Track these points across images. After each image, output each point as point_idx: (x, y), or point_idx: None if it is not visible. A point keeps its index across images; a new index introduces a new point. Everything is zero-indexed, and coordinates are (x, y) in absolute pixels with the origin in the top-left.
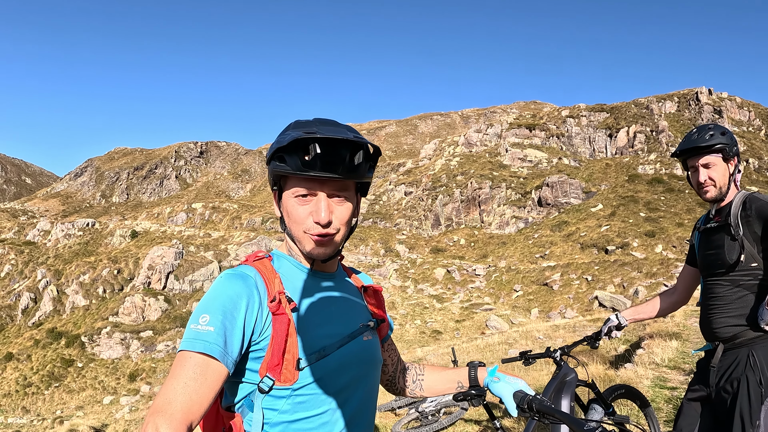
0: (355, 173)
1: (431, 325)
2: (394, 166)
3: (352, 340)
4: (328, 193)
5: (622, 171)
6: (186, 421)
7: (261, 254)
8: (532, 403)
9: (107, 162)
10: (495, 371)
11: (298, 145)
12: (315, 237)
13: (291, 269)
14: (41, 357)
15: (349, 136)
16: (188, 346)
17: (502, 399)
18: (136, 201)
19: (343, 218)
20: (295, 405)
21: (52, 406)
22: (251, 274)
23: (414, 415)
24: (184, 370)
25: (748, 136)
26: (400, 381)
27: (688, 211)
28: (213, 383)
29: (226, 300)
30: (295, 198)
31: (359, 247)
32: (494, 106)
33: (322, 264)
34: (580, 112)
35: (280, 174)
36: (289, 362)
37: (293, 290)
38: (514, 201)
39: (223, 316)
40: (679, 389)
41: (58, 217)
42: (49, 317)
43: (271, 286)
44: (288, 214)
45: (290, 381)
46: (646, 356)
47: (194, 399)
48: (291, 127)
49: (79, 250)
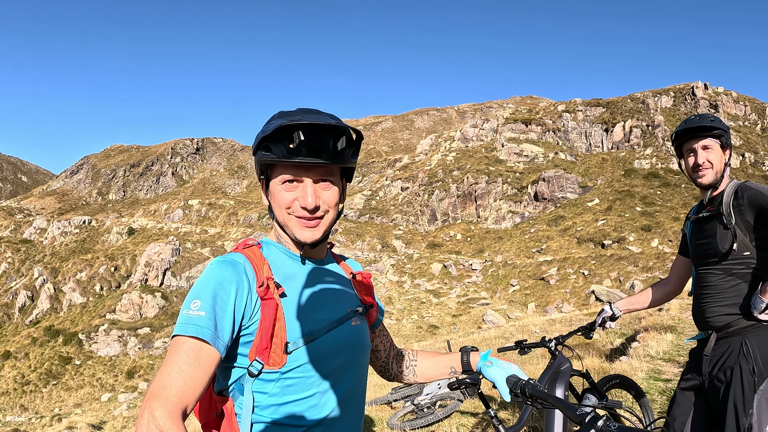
0: (340, 158)
1: (428, 320)
2: (391, 162)
3: (341, 325)
4: (314, 178)
5: (619, 165)
6: (181, 405)
7: (251, 242)
8: (525, 387)
9: (103, 159)
10: (488, 355)
11: (283, 132)
12: (303, 221)
13: (280, 256)
14: (39, 355)
15: (331, 122)
16: (180, 330)
17: (495, 383)
18: (133, 198)
19: (330, 202)
20: (284, 388)
21: (50, 403)
22: (240, 260)
23: (410, 408)
24: (177, 356)
25: (744, 130)
26: (394, 367)
27: (684, 205)
28: (206, 367)
29: (217, 286)
30: (282, 185)
31: (356, 242)
32: (490, 101)
33: (310, 250)
34: (577, 106)
35: (267, 162)
36: (277, 346)
37: (282, 276)
38: (511, 196)
39: (213, 301)
40: (673, 381)
41: (54, 215)
42: (46, 315)
43: (260, 272)
44: (276, 202)
45: (278, 365)
46: (641, 349)
47: (189, 383)
48: (275, 117)
49: (76, 248)
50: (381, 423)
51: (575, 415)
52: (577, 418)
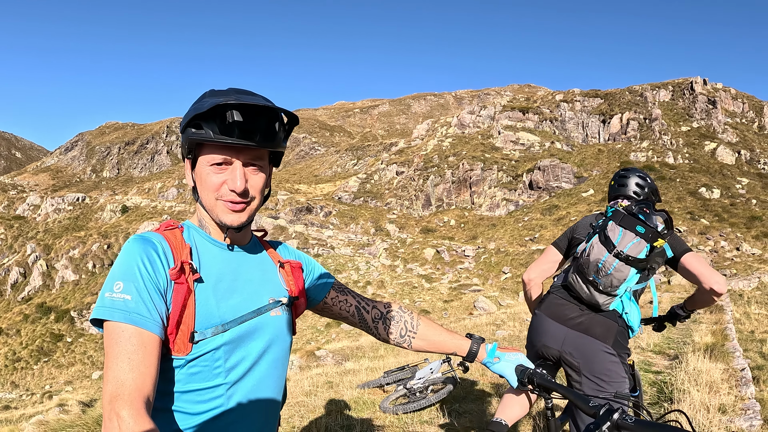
0: (272, 142)
1: (419, 305)
2: (387, 146)
3: (258, 315)
4: (244, 161)
5: (614, 157)
6: (143, 398)
7: (173, 224)
8: (533, 377)
9: (98, 137)
10: (494, 351)
11: (216, 112)
12: (230, 204)
13: (201, 241)
14: (30, 332)
15: (267, 104)
16: (107, 315)
17: (503, 375)
18: (127, 176)
19: (257, 187)
20: (188, 376)
21: (41, 380)
22: (157, 240)
23: (402, 392)
24: (121, 346)
25: (741, 127)
26: (381, 330)
27: (678, 199)
28: (154, 350)
29: (140, 264)
30: (211, 166)
31: (350, 225)
32: (488, 88)
33: (234, 235)
34: (575, 97)
35: (197, 141)
36: (183, 333)
37: (200, 262)
38: (505, 183)
39: (138, 281)
40: (663, 373)
41: (48, 191)
42: (38, 292)
43: (177, 254)
44: (202, 183)
45: (183, 352)
46: (632, 341)
47: (143, 371)
48: (207, 95)
49: (69, 225)
50: (373, 406)
51: (588, 407)
52: (591, 410)
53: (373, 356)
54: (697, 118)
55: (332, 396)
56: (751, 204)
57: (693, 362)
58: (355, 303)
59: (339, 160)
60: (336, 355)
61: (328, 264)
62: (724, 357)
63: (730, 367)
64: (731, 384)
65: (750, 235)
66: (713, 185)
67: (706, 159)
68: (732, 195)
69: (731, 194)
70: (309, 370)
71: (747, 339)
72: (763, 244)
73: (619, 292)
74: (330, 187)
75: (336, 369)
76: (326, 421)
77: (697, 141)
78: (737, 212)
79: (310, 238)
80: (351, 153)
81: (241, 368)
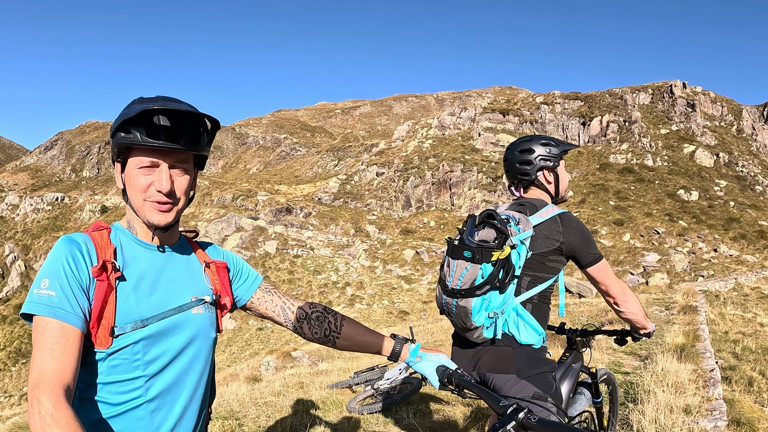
0: (196, 145)
1: (399, 306)
2: (367, 147)
3: (179, 312)
4: (170, 164)
5: (594, 159)
6: (62, 386)
7: (102, 226)
8: (453, 377)
9: (78, 136)
10: (417, 351)
11: (143, 117)
12: (156, 205)
13: (126, 241)
14: (8, 333)
15: (191, 110)
16: (33, 309)
17: (425, 375)
18: (107, 176)
19: (183, 188)
20: (110, 368)
21: (18, 383)
22: (83, 240)
23: (369, 392)
24: (45, 339)
25: (720, 130)
26: (306, 330)
27: (657, 201)
28: (75, 342)
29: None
30: (139, 169)
31: (329, 226)
32: (470, 90)
33: (161, 235)
34: (555, 99)
35: (126, 145)
36: (104, 327)
37: (124, 261)
38: (485, 185)
39: (62, 279)
40: (632, 374)
41: (27, 191)
42: (16, 293)
43: (101, 253)
44: (131, 185)
45: (104, 345)
46: (603, 341)
47: (64, 361)
48: (136, 102)
49: (48, 225)
50: (341, 406)
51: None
52: (501, 410)
53: (348, 357)
54: (677, 121)
55: (301, 396)
56: (729, 206)
57: (661, 363)
58: (280, 303)
59: (320, 160)
60: (312, 356)
61: (308, 265)
62: (694, 358)
63: (699, 368)
64: (698, 385)
65: (728, 236)
66: (692, 187)
67: (684, 161)
68: (710, 197)
69: (709, 196)
70: (284, 370)
71: (720, 339)
72: (741, 245)
73: (484, 323)
74: (310, 188)
75: (309, 370)
76: (292, 420)
77: (676, 144)
78: (715, 214)
79: (289, 239)
80: (332, 154)
81: (161, 362)
